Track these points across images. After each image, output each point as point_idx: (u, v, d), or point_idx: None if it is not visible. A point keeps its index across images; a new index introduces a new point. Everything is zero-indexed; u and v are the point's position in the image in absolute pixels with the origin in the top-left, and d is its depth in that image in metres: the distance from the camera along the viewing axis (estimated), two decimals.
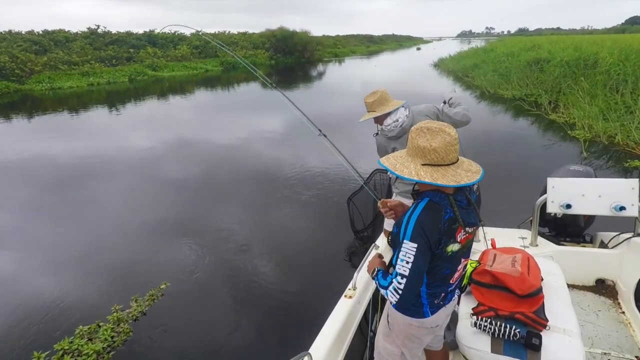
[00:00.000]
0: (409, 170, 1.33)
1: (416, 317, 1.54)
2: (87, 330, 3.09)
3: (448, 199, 1.35)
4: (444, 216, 1.34)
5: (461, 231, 1.39)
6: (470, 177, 1.30)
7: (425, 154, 1.32)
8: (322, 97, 16.09)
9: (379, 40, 77.11)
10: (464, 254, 1.50)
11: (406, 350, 1.68)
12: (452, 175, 1.30)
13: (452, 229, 1.36)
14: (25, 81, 19.42)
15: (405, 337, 1.62)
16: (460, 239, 1.41)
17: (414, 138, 1.35)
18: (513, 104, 11.97)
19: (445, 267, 1.44)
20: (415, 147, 1.35)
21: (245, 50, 33.73)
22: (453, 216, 1.35)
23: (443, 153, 1.30)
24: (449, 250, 1.39)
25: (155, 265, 4.12)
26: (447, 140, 1.31)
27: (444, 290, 1.52)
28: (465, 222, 1.38)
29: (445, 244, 1.37)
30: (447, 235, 1.36)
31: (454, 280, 1.51)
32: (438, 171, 1.30)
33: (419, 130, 1.35)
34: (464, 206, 1.40)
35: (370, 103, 2.63)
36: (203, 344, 3.05)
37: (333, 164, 6.94)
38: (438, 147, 1.30)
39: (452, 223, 1.36)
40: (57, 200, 5.90)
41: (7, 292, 3.74)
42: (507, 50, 18.98)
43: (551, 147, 7.74)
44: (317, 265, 4.07)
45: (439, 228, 1.33)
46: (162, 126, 11.04)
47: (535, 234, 2.82)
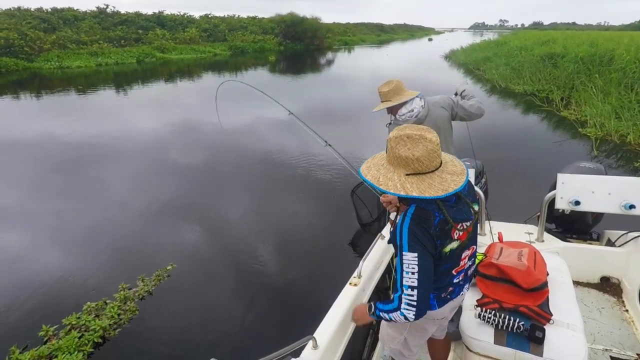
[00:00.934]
0: (394, 183, 1.28)
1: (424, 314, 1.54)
2: (95, 306, 3.15)
3: (435, 202, 1.32)
4: (433, 220, 1.30)
5: (456, 230, 1.36)
6: (457, 181, 1.28)
7: (409, 164, 1.27)
8: (331, 87, 15.95)
9: (390, 30, 75.98)
10: (466, 247, 1.47)
11: (410, 337, 1.69)
12: (438, 183, 1.26)
13: (445, 230, 1.33)
14: (34, 59, 19.42)
15: (411, 326, 1.64)
16: (458, 236, 1.38)
17: (394, 147, 1.29)
18: (524, 99, 11.81)
19: (445, 263, 1.42)
20: (397, 157, 1.29)
21: (254, 35, 33.40)
22: (443, 218, 1.32)
23: (427, 161, 1.26)
24: (447, 250, 1.37)
25: (162, 246, 4.17)
26: (430, 148, 1.26)
27: (449, 283, 1.50)
28: (456, 220, 1.35)
29: (442, 245, 1.34)
30: (441, 237, 1.33)
31: (457, 270, 1.49)
32: (424, 181, 1.26)
33: (398, 139, 1.28)
34: (453, 204, 1.36)
35: (385, 92, 2.59)
36: (207, 326, 3.10)
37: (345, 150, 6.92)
38: (421, 156, 1.25)
39: (445, 224, 1.32)
40: (65, 180, 5.96)
41: (18, 267, 3.81)
42: (521, 44, 18.61)
43: (561, 144, 7.66)
44: (322, 253, 4.10)
45: (431, 234, 1.30)
46: (169, 109, 11.03)
47: (542, 229, 2.81)
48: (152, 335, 2.99)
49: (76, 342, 2.77)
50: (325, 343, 1.74)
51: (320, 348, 1.70)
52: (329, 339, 1.77)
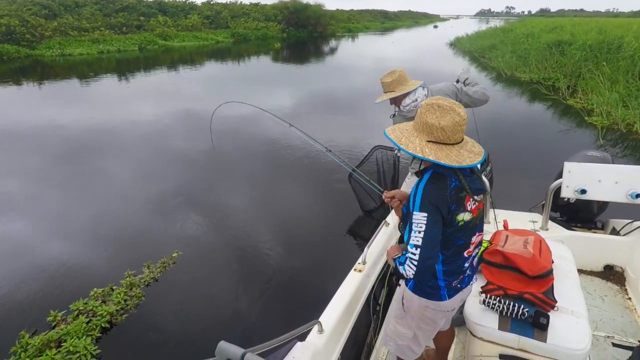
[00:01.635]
0: (414, 145, 1.32)
1: (433, 299, 1.54)
2: (101, 292, 3.20)
3: (452, 169, 1.35)
4: (449, 185, 1.34)
5: (470, 199, 1.39)
6: (473, 159, 1.31)
7: (432, 131, 1.31)
8: (340, 77, 15.80)
9: (394, 17, 74.92)
10: (476, 226, 1.49)
11: (420, 332, 1.68)
12: (455, 155, 1.30)
13: (459, 197, 1.36)
14: (36, 46, 19.30)
15: (420, 319, 1.62)
16: (471, 207, 1.41)
17: (423, 114, 1.34)
18: (530, 87, 11.67)
19: (458, 237, 1.43)
20: (423, 123, 1.33)
21: (257, 22, 33.00)
22: (459, 184, 1.35)
23: (450, 132, 1.30)
24: (459, 220, 1.39)
25: (167, 233, 4.20)
26: (456, 120, 1.29)
27: (459, 269, 1.51)
28: (472, 189, 1.38)
29: (456, 212, 1.36)
30: (456, 203, 1.35)
31: (469, 253, 1.50)
32: (442, 150, 1.31)
33: (429, 107, 1.33)
34: (468, 174, 1.40)
35: (388, 83, 2.56)
36: (212, 312, 3.14)
37: (343, 142, 6.91)
38: (446, 125, 1.29)
39: (459, 191, 1.36)
40: (69, 168, 5.98)
41: (26, 254, 3.85)
42: (527, 31, 18.31)
43: (567, 132, 7.59)
44: (326, 240, 4.12)
45: (446, 195, 1.33)
46: (172, 98, 10.99)
47: (547, 218, 2.80)
48: (158, 321, 3.03)
49: (84, 327, 2.81)
50: (331, 328, 1.76)
51: (325, 332, 1.72)
52: (334, 324, 1.79)
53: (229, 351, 1.06)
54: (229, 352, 1.06)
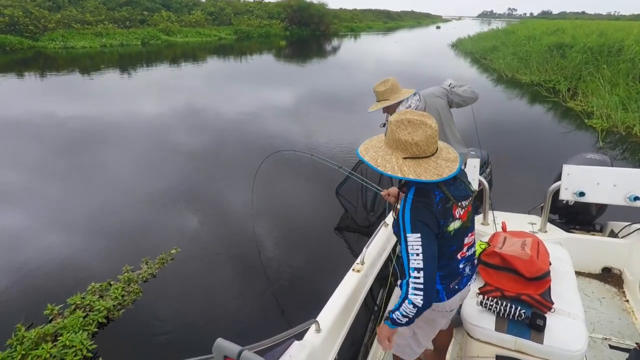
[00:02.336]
0: (391, 165, 1.30)
1: (433, 300, 1.51)
2: (99, 287, 3.20)
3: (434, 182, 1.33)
4: (434, 199, 1.33)
5: (457, 208, 1.39)
6: (451, 168, 1.31)
7: (407, 148, 1.29)
8: (349, 76, 15.78)
9: (397, 17, 74.83)
10: (467, 229, 1.49)
11: (419, 331, 1.67)
12: (433, 167, 1.29)
13: (446, 208, 1.35)
14: (39, 38, 19.27)
15: (420, 319, 1.58)
16: (459, 214, 1.40)
17: (394, 131, 1.31)
18: (530, 89, 11.67)
19: (450, 244, 1.43)
20: (396, 140, 1.31)
21: (260, 19, 32.93)
22: (443, 196, 1.34)
23: (424, 146, 1.29)
24: (450, 229, 1.39)
25: (166, 230, 4.20)
26: (429, 134, 1.28)
27: (456, 271, 1.51)
28: (456, 198, 1.37)
29: (445, 224, 1.36)
30: (444, 216, 1.35)
31: (463, 254, 1.50)
32: (420, 165, 1.29)
33: (399, 123, 1.31)
34: (451, 182, 1.39)
35: (381, 92, 2.57)
36: (210, 309, 3.13)
37: (344, 145, 6.92)
38: (420, 140, 1.28)
39: (445, 202, 1.35)
40: (70, 162, 5.97)
41: (25, 247, 3.85)
42: (529, 33, 18.30)
43: (566, 135, 7.59)
44: (325, 239, 4.11)
45: (434, 213, 1.32)
46: (174, 93, 10.97)
47: (546, 220, 2.81)
48: (155, 317, 3.03)
49: (81, 322, 2.81)
50: (328, 327, 1.76)
51: (323, 332, 1.72)
52: (332, 323, 1.79)
53: (226, 348, 1.06)
54: (226, 350, 1.06)
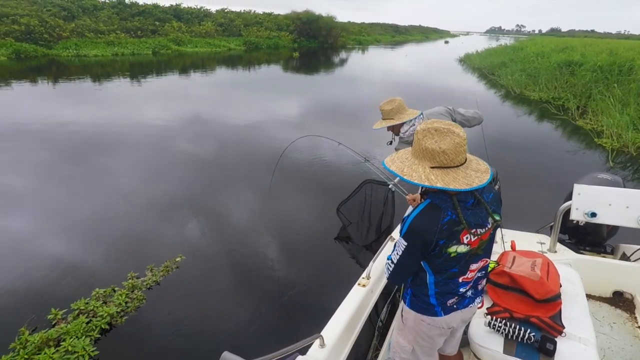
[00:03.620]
0: (418, 174, 1.27)
1: (427, 314, 1.52)
2: (103, 293, 3.19)
3: (451, 200, 1.30)
4: (442, 218, 1.29)
5: (467, 233, 1.33)
6: (481, 179, 1.26)
7: (434, 157, 1.26)
8: (363, 87, 15.89)
9: (405, 31, 75.48)
10: (479, 256, 1.45)
11: (418, 348, 1.66)
12: (462, 177, 1.25)
13: (453, 231, 1.31)
14: (53, 46, 19.70)
15: (417, 333, 1.61)
16: (468, 240, 1.35)
17: (421, 140, 1.29)
18: (539, 106, 11.65)
19: (451, 265, 1.40)
20: (423, 150, 1.28)
21: (269, 31, 33.44)
22: (456, 218, 1.29)
23: (453, 155, 1.25)
24: (451, 251, 1.34)
25: (171, 237, 4.20)
26: (457, 142, 1.25)
27: (454, 291, 1.47)
28: (469, 224, 1.31)
29: (446, 245, 1.32)
30: (447, 237, 1.31)
31: (466, 279, 1.46)
32: (448, 174, 1.25)
33: (425, 132, 1.28)
34: (470, 207, 1.33)
35: (387, 111, 2.60)
36: (213, 320, 3.11)
37: (348, 160, 6.93)
38: (447, 149, 1.24)
39: (454, 225, 1.30)
40: (78, 167, 6.03)
41: (30, 251, 3.87)
42: (538, 50, 18.37)
43: (575, 153, 7.53)
44: (328, 254, 4.08)
45: (434, 230, 1.29)
46: (182, 102, 11.10)
47: (555, 240, 2.77)
48: (158, 326, 3.01)
49: (84, 327, 2.81)
50: (332, 342, 1.74)
51: (327, 347, 1.70)
52: (336, 338, 1.77)
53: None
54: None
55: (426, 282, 1.47)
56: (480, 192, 1.37)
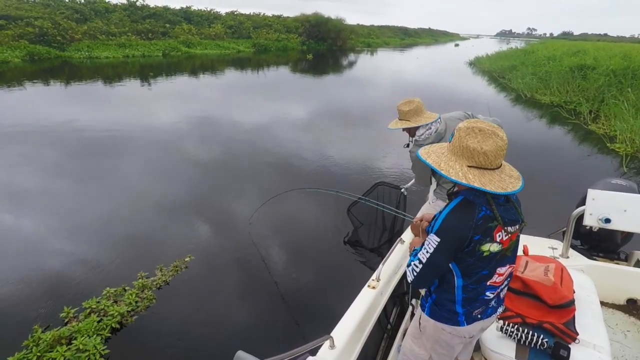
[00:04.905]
0: (455, 171, 1.27)
1: (449, 324, 1.49)
2: (114, 292, 3.23)
3: (484, 196, 1.30)
4: (477, 214, 1.29)
5: (500, 230, 1.32)
6: (514, 185, 1.27)
7: (473, 156, 1.26)
8: (379, 89, 15.90)
9: (414, 34, 75.34)
10: (507, 259, 1.42)
11: (435, 355, 1.61)
12: (498, 181, 1.25)
13: (488, 227, 1.30)
14: (66, 48, 20.02)
15: (436, 341, 1.57)
16: (501, 238, 1.33)
17: (463, 137, 1.27)
18: (550, 110, 11.53)
19: (481, 266, 1.37)
20: (463, 148, 1.27)
21: (278, 33, 33.62)
22: (490, 214, 1.29)
23: (492, 157, 1.25)
24: (484, 250, 1.32)
25: (181, 238, 4.23)
26: (499, 145, 1.25)
27: (480, 299, 1.44)
28: (504, 220, 1.31)
29: (480, 242, 1.31)
30: (481, 233, 1.30)
31: (494, 283, 1.43)
32: (485, 175, 1.25)
33: (469, 130, 1.27)
34: (502, 203, 1.34)
35: (405, 112, 2.54)
36: (222, 321, 3.12)
37: (356, 161, 6.93)
38: (489, 150, 1.24)
39: (489, 221, 1.29)
40: (89, 168, 6.11)
41: (42, 250, 3.93)
42: (549, 54, 18.18)
43: (587, 158, 7.43)
44: (340, 255, 4.07)
45: (469, 225, 1.28)
46: (191, 103, 11.19)
47: (568, 245, 2.73)
48: (168, 325, 3.03)
49: (95, 326, 2.83)
50: (342, 344, 1.74)
51: (337, 348, 1.70)
52: (346, 340, 1.77)
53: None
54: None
55: (453, 287, 1.42)
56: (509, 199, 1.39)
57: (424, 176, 2.75)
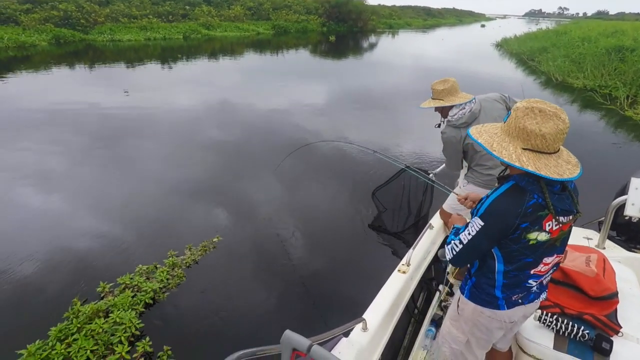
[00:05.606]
0: (509, 153, 1.20)
1: (489, 307, 1.46)
2: (146, 269, 3.34)
3: (538, 184, 1.23)
4: (527, 201, 1.23)
5: (551, 219, 1.26)
6: (572, 171, 1.19)
7: (530, 138, 1.19)
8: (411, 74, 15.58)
9: (437, 14, 72.76)
10: (556, 249, 1.37)
11: (473, 339, 1.59)
12: (554, 166, 1.18)
13: (537, 215, 1.24)
14: (89, 31, 20.30)
15: (474, 324, 1.54)
16: (550, 228, 1.27)
17: (520, 118, 1.20)
18: (583, 94, 11.02)
19: (526, 254, 1.32)
20: (520, 129, 1.20)
21: (298, 14, 33.08)
22: (542, 202, 1.22)
23: (551, 141, 1.17)
24: (531, 238, 1.27)
25: (210, 218, 4.31)
26: (560, 128, 1.17)
27: (522, 285, 1.40)
28: (556, 209, 1.23)
29: (527, 230, 1.25)
30: (530, 220, 1.24)
31: (538, 272, 1.39)
32: (540, 159, 1.18)
33: (528, 110, 1.19)
34: (557, 191, 1.26)
35: (439, 91, 2.47)
36: (250, 301, 3.18)
37: (379, 144, 6.83)
38: (548, 133, 1.16)
39: (539, 209, 1.23)
40: (119, 150, 6.24)
41: (79, 228, 4.08)
42: (583, 35, 17.29)
43: (623, 146, 7.10)
44: (365, 239, 4.07)
45: (517, 212, 1.23)
46: (215, 86, 11.21)
47: (605, 236, 2.64)
48: (198, 302, 3.12)
49: (129, 301, 2.94)
50: (375, 327, 1.75)
51: (369, 331, 1.71)
52: (378, 323, 1.78)
53: (296, 341, 1.07)
54: (295, 342, 1.07)
55: (494, 271, 1.39)
56: (565, 188, 1.31)
57: (456, 159, 2.68)
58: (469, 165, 2.66)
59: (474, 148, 2.50)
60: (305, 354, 1.04)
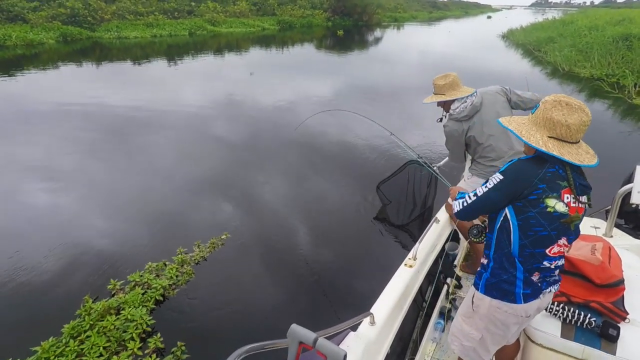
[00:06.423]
0: (536, 139, 1.32)
1: (506, 300, 1.45)
2: (155, 267, 3.39)
3: (561, 162, 1.33)
4: (548, 167, 1.33)
5: (570, 193, 1.33)
6: (590, 159, 1.31)
7: (555, 128, 1.31)
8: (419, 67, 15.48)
9: (443, 6, 71.87)
10: (570, 232, 1.38)
11: (488, 336, 1.57)
12: (575, 154, 1.30)
13: (556, 183, 1.32)
14: (96, 29, 20.41)
15: (490, 320, 1.53)
16: (568, 201, 1.33)
17: (548, 109, 1.32)
18: (590, 84, 10.87)
19: (542, 224, 1.33)
20: (547, 119, 1.32)
21: (303, 9, 32.93)
22: (562, 173, 1.32)
23: (574, 131, 1.29)
24: (549, 204, 1.31)
25: (218, 215, 4.35)
26: (583, 120, 1.29)
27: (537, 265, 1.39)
28: (577, 185, 1.33)
29: (545, 193, 1.31)
30: (548, 183, 1.31)
31: (554, 253, 1.39)
32: (564, 147, 1.31)
33: (556, 102, 1.32)
34: (576, 169, 1.36)
35: (440, 85, 2.52)
36: (259, 297, 3.22)
37: (383, 141, 6.81)
38: (573, 124, 1.28)
39: (558, 178, 1.33)
40: (126, 146, 6.30)
41: (89, 226, 4.14)
42: (590, 24, 17.02)
43: (631, 134, 7.01)
44: (370, 233, 4.09)
45: (537, 173, 1.32)
46: (221, 82, 11.22)
47: (612, 224, 2.63)
48: (207, 299, 3.17)
49: (140, 298, 2.99)
50: (382, 320, 1.76)
51: (377, 325, 1.73)
52: (386, 317, 1.79)
53: (302, 335, 1.09)
54: (302, 336, 1.09)
55: (510, 243, 1.40)
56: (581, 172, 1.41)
57: (458, 152, 2.71)
58: (472, 158, 2.69)
59: (477, 140, 2.52)
60: (312, 347, 1.06)
